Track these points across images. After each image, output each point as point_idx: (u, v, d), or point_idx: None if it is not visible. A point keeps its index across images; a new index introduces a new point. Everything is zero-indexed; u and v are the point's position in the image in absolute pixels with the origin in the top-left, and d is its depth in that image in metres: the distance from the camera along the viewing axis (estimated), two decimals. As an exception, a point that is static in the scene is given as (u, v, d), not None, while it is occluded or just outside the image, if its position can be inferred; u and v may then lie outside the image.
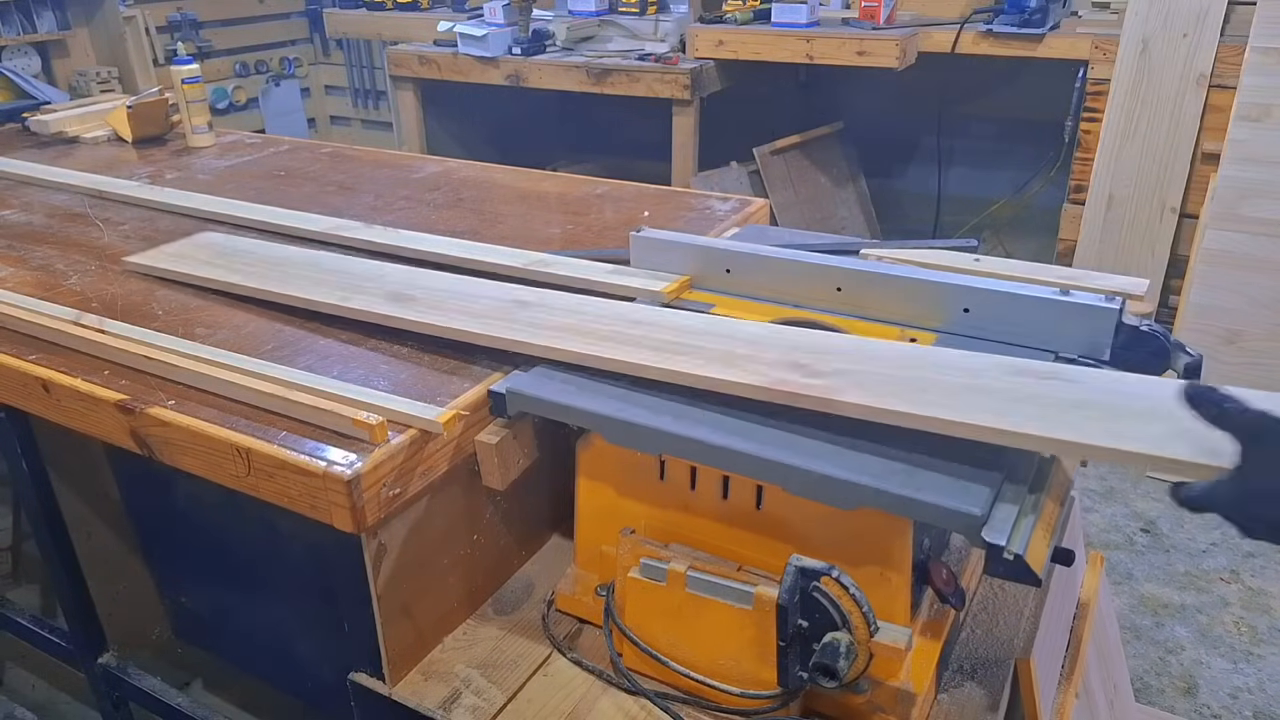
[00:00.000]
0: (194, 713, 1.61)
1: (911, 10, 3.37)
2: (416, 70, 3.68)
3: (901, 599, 1.06)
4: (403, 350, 1.32)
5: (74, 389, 1.26)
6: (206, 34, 4.63)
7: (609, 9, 3.65)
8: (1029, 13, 3.07)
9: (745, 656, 1.05)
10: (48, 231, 1.82)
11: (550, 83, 3.42)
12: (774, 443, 1.04)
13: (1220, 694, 2.11)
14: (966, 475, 0.98)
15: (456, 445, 1.17)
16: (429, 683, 1.19)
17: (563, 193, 2.02)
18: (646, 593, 1.10)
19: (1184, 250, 2.99)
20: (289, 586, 1.49)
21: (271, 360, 1.26)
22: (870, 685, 1.05)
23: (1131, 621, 2.31)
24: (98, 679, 1.71)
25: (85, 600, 1.65)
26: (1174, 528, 2.65)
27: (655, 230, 1.54)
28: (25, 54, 2.95)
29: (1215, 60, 2.81)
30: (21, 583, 2.24)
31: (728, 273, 1.44)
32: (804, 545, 1.06)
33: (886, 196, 4.03)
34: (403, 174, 2.17)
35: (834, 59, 3.16)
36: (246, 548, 1.53)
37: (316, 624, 1.43)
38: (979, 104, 3.76)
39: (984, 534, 0.91)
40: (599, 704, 1.14)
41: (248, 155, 2.37)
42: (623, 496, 1.20)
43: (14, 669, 2.21)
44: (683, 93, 3.20)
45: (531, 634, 1.25)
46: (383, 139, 4.95)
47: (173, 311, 1.45)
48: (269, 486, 1.12)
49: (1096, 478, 2.87)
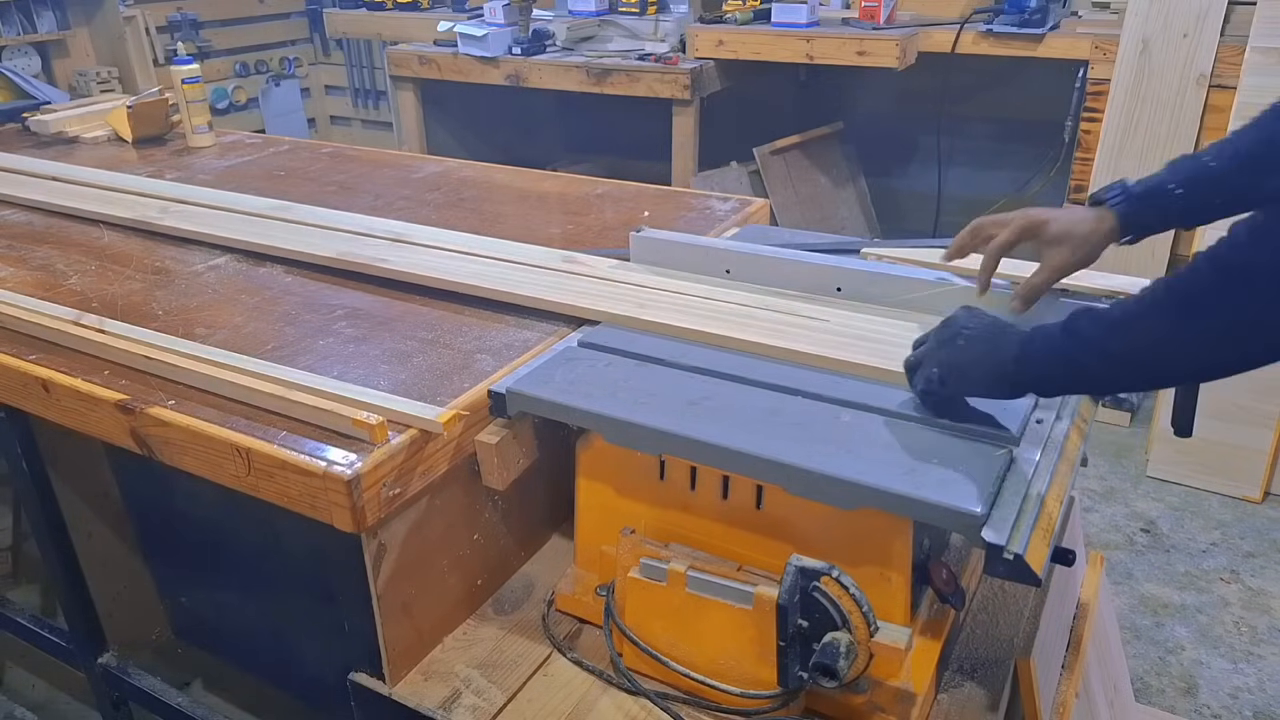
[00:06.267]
0: (194, 713, 1.61)
1: (911, 10, 3.37)
2: (416, 70, 3.68)
3: (901, 599, 1.06)
4: (403, 349, 1.32)
5: (74, 389, 1.26)
6: (206, 34, 4.62)
7: (609, 9, 3.65)
8: (1029, 13, 3.07)
9: (745, 656, 1.05)
10: (48, 231, 1.82)
11: (550, 83, 3.42)
12: (774, 443, 1.04)
13: (1220, 694, 2.11)
14: (967, 474, 0.98)
15: (456, 445, 1.17)
16: (429, 683, 1.19)
17: (563, 193, 2.02)
18: (646, 593, 1.10)
19: (1184, 250, 2.99)
20: (289, 586, 1.49)
21: (271, 360, 1.26)
22: (870, 685, 1.05)
23: (1131, 621, 2.31)
24: (98, 679, 1.71)
25: (85, 600, 1.65)
26: (1174, 528, 2.65)
27: (655, 230, 1.54)
28: (25, 54, 2.95)
29: (1215, 60, 2.81)
30: (21, 583, 2.24)
31: (727, 273, 1.45)
32: (804, 545, 1.06)
33: (886, 196, 4.03)
34: (403, 174, 2.17)
35: (834, 59, 3.16)
36: (246, 548, 1.53)
37: (316, 624, 1.43)
38: (979, 104, 3.76)
39: (984, 534, 0.91)
40: (599, 704, 1.14)
41: (248, 155, 2.37)
42: (623, 496, 1.20)
43: (14, 669, 2.21)
44: (683, 93, 3.20)
45: (531, 634, 1.25)
46: (383, 139, 4.95)
47: (173, 311, 1.46)
48: (269, 486, 1.12)
49: (1097, 478, 2.87)
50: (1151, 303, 0.91)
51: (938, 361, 1.07)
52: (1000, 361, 1.01)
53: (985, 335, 1.04)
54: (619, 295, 1.41)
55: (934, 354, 1.08)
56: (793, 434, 1.06)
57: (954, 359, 1.06)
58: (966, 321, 1.07)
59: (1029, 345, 1.00)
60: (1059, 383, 1.01)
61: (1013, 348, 1.01)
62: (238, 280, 1.58)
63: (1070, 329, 0.96)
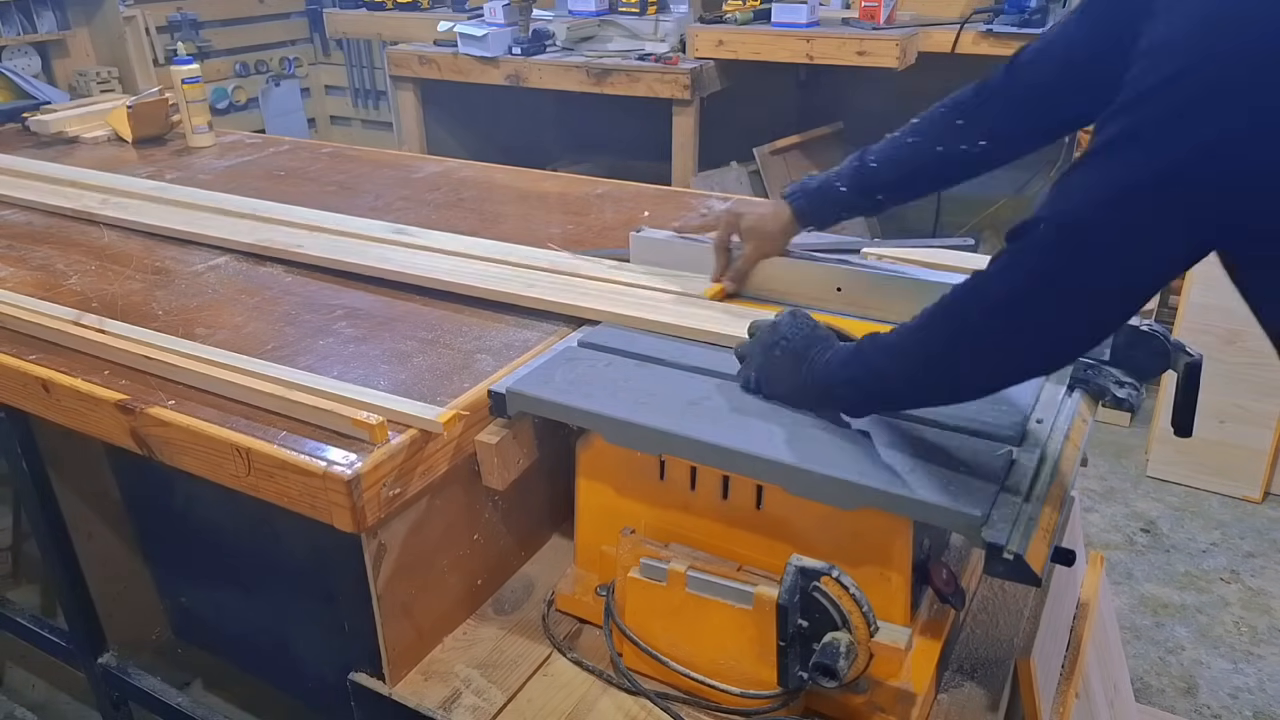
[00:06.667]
0: (194, 713, 1.61)
1: (911, 10, 3.36)
2: (416, 70, 3.67)
3: (901, 599, 1.06)
4: (403, 349, 1.32)
5: (74, 389, 1.26)
6: (206, 34, 4.62)
7: (609, 9, 3.64)
8: (1029, 13, 3.07)
9: (745, 656, 1.05)
10: (48, 231, 1.82)
11: (550, 83, 3.41)
12: (774, 443, 1.04)
13: (1220, 694, 2.11)
14: (967, 474, 0.98)
15: (456, 445, 1.17)
16: (429, 683, 1.19)
17: (563, 193, 2.02)
18: (646, 593, 1.10)
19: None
20: (289, 586, 1.49)
21: (271, 360, 1.26)
22: (870, 685, 1.05)
23: (1131, 621, 2.31)
24: (98, 679, 1.71)
25: (85, 600, 1.65)
26: (1174, 528, 2.65)
27: (656, 230, 1.54)
28: (25, 54, 2.95)
29: (1215, 60, 2.81)
30: (21, 583, 2.24)
31: (728, 273, 1.44)
32: (804, 545, 1.06)
33: (886, 196, 4.03)
34: (403, 174, 2.17)
35: (834, 59, 3.15)
36: (246, 548, 1.53)
37: (316, 624, 1.43)
38: (979, 104, 3.75)
39: (984, 534, 0.91)
40: (599, 704, 1.14)
41: (248, 155, 2.37)
42: (623, 496, 1.20)
43: (14, 669, 2.21)
44: (683, 93, 3.20)
45: (531, 634, 1.25)
46: (383, 139, 4.94)
47: (173, 311, 1.46)
48: (269, 486, 1.12)
49: (1097, 478, 2.87)
50: (918, 327, 0.94)
51: (756, 367, 1.12)
52: (802, 379, 1.06)
53: (797, 350, 1.07)
54: (619, 295, 1.41)
55: (755, 358, 1.12)
56: (793, 434, 1.06)
57: (769, 368, 1.10)
58: (788, 331, 1.09)
59: (826, 367, 1.03)
60: (851, 401, 1.05)
61: (814, 368, 1.04)
62: (238, 280, 1.58)
63: (859, 350, 1.01)
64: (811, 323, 1.10)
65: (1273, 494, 2.75)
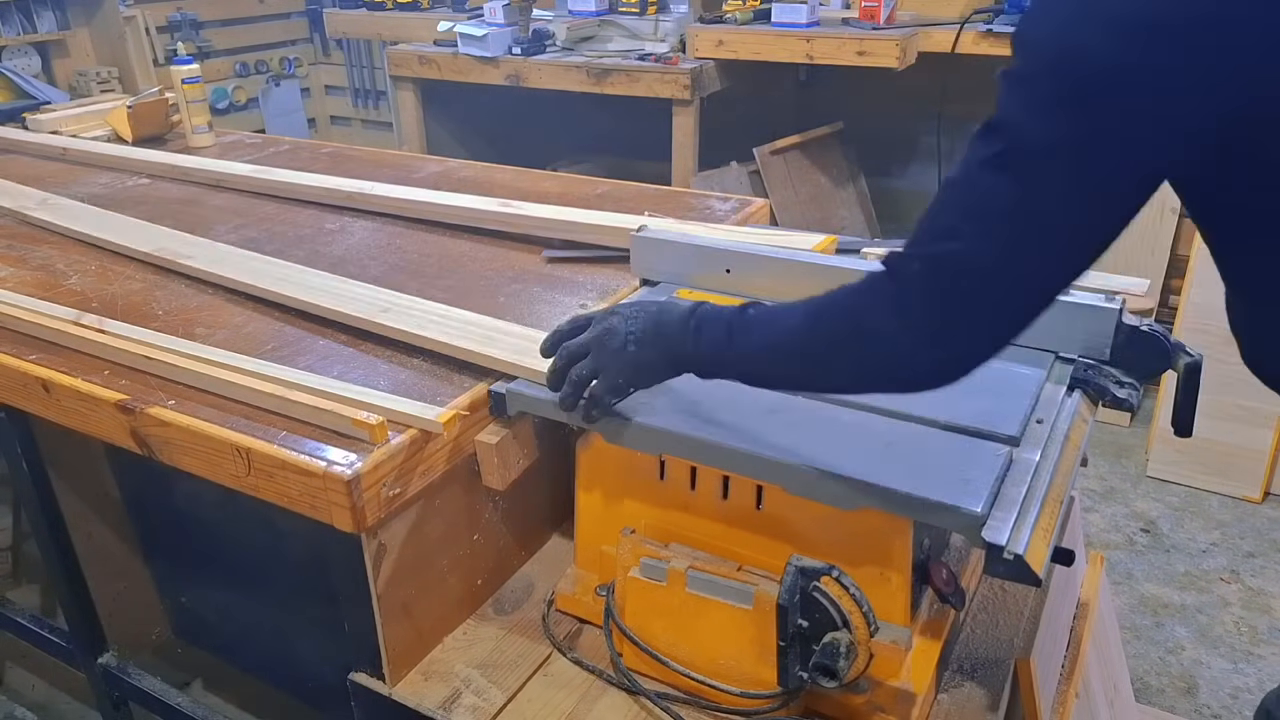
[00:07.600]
0: (194, 713, 1.61)
1: (911, 10, 3.36)
2: (416, 70, 3.67)
3: (901, 599, 1.06)
4: (403, 349, 1.32)
5: (74, 389, 1.26)
6: (206, 34, 4.62)
7: (609, 9, 3.64)
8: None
9: (745, 656, 1.05)
10: (48, 232, 1.82)
11: (550, 83, 3.41)
12: (774, 442, 1.04)
13: (1220, 694, 2.10)
14: (967, 474, 0.98)
15: (456, 445, 1.17)
16: (429, 683, 1.19)
17: (563, 193, 2.02)
18: (646, 593, 1.10)
19: (1184, 250, 2.99)
20: (289, 586, 1.49)
21: (271, 360, 1.26)
22: (870, 685, 1.05)
23: (1131, 621, 2.31)
24: (98, 679, 1.71)
25: (85, 600, 1.65)
26: (1174, 528, 2.65)
27: (656, 230, 1.54)
28: (25, 54, 2.95)
29: (1215, 60, 2.80)
30: (21, 583, 2.23)
31: (728, 273, 1.44)
32: (804, 545, 1.06)
33: (886, 196, 4.02)
34: (403, 174, 2.17)
35: (834, 59, 3.15)
36: (246, 548, 1.53)
37: (316, 624, 1.43)
38: (979, 104, 3.75)
39: (984, 533, 0.91)
40: (599, 704, 1.14)
41: (248, 155, 2.37)
42: (623, 496, 1.20)
43: (14, 669, 2.21)
44: (683, 93, 3.19)
45: (531, 634, 1.25)
46: (383, 139, 4.94)
47: (173, 311, 1.46)
48: (269, 486, 1.12)
49: (1096, 478, 2.87)
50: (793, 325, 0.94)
51: (617, 371, 1.06)
52: (676, 357, 1.03)
53: (652, 335, 1.04)
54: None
55: (605, 364, 1.06)
56: (793, 434, 1.06)
57: (633, 363, 1.05)
58: (629, 326, 1.05)
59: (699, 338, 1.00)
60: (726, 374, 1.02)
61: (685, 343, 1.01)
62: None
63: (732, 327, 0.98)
64: (639, 304, 1.08)
65: (1273, 494, 2.75)
